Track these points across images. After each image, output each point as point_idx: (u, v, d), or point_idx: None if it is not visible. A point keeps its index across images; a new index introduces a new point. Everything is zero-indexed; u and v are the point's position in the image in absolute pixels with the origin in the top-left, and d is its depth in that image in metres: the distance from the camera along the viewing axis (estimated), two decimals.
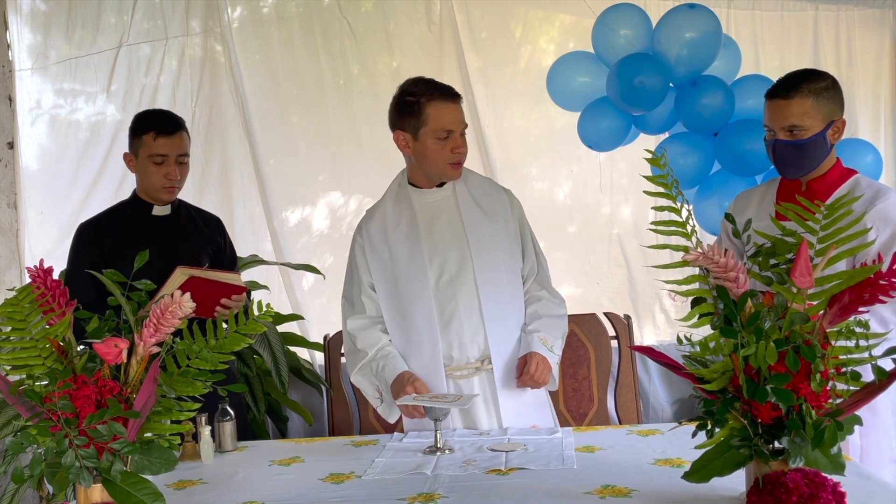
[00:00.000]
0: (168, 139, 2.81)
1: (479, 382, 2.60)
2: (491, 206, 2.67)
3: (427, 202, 2.66)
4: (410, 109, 2.55)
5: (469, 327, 2.58)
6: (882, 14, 4.51)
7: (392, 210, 2.68)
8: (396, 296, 2.62)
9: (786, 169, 2.54)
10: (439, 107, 2.53)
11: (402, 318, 2.61)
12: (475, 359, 2.59)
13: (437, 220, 2.64)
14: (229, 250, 3.09)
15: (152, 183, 2.85)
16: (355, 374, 2.64)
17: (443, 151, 2.55)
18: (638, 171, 3.58)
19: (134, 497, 1.67)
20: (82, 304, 1.91)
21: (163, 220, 2.92)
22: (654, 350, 1.91)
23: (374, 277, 2.65)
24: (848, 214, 1.69)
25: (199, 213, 3.06)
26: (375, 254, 2.65)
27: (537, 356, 2.56)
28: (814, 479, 1.56)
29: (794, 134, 2.46)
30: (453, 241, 2.61)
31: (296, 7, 4.39)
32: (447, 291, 2.59)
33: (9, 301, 1.77)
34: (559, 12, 4.50)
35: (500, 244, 2.63)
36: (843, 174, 2.56)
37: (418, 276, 2.58)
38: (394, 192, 2.72)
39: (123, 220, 2.89)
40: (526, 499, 1.83)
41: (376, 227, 2.68)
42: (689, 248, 1.66)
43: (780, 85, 2.51)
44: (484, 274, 2.59)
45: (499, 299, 2.60)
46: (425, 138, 2.54)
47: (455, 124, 2.54)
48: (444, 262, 2.60)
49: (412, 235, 2.62)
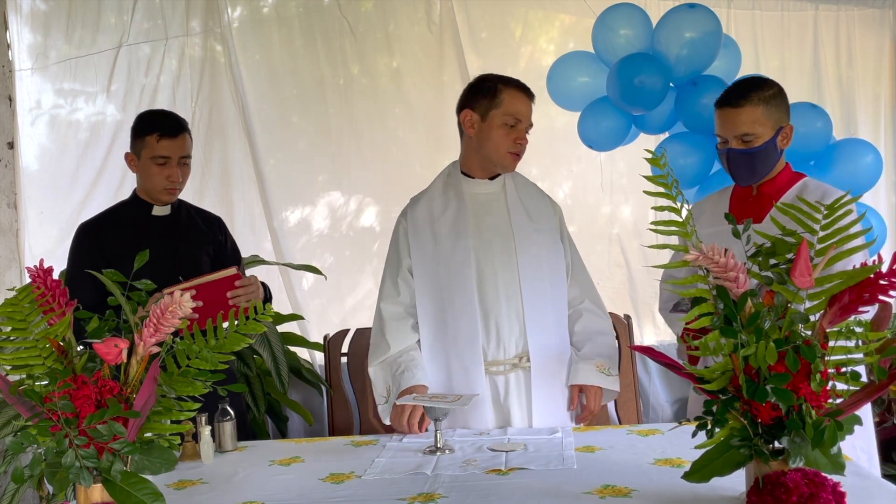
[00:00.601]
0: (172, 141, 2.80)
1: (514, 379, 2.60)
2: (536, 210, 2.69)
3: (477, 192, 2.67)
4: (486, 91, 2.60)
5: (508, 323, 2.58)
6: (882, 14, 4.52)
7: (440, 197, 2.68)
8: (436, 283, 2.61)
9: (740, 176, 2.59)
10: (514, 94, 2.59)
11: (440, 307, 2.60)
12: (513, 355, 2.60)
13: (484, 212, 2.65)
14: (231, 248, 3.08)
15: (154, 184, 2.85)
16: (374, 366, 2.62)
17: (507, 138, 2.58)
18: (638, 171, 3.58)
19: (134, 497, 1.67)
20: (83, 304, 1.91)
21: (163, 220, 2.91)
22: (654, 350, 1.91)
23: (413, 261, 2.64)
24: (848, 214, 1.69)
25: (200, 213, 3.06)
26: (418, 239, 2.65)
27: (593, 391, 2.60)
28: (814, 479, 1.56)
29: (746, 142, 2.51)
30: (499, 234, 2.62)
31: (296, 7, 4.39)
32: (490, 285, 2.58)
33: (9, 301, 1.77)
34: (559, 12, 4.51)
35: (544, 246, 2.65)
36: (792, 177, 2.62)
37: (462, 266, 2.58)
38: (442, 179, 2.72)
39: (123, 220, 2.89)
40: (526, 499, 1.83)
41: (422, 212, 2.68)
42: (689, 247, 1.66)
43: (729, 94, 2.55)
44: (527, 271, 2.59)
45: (541, 298, 2.60)
46: (493, 120, 2.58)
47: (525, 115, 2.59)
48: (489, 254, 2.60)
49: (459, 224, 2.62)
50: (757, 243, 1.73)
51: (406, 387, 2.52)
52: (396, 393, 2.54)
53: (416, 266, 2.64)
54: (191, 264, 2.88)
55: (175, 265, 2.79)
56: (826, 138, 3.64)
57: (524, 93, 2.62)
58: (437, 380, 2.61)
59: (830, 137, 3.66)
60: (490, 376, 2.59)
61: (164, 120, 2.86)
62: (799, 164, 3.62)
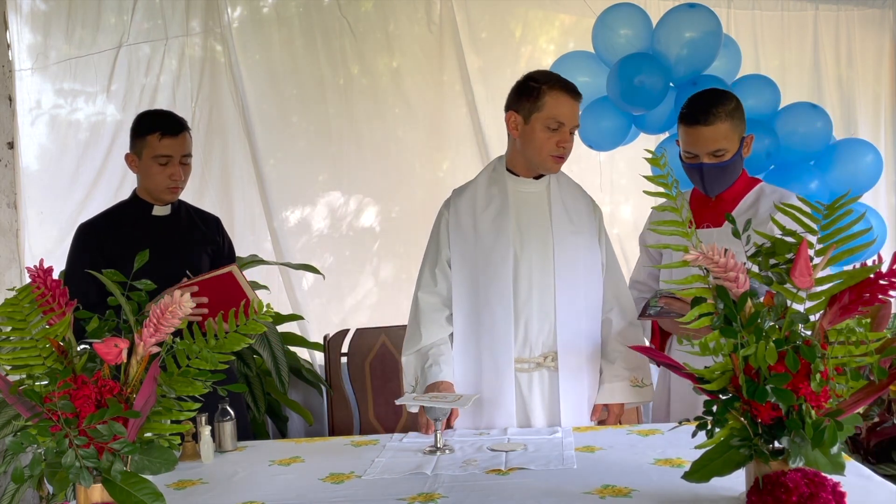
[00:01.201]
0: (173, 140, 2.80)
1: (539, 378, 2.61)
2: (577, 213, 2.69)
3: (521, 191, 2.68)
4: (529, 93, 2.59)
5: (539, 322, 2.59)
6: (882, 14, 4.52)
7: (483, 192, 2.69)
8: (474, 276, 2.62)
9: (713, 189, 2.68)
10: (558, 97, 2.57)
11: (476, 299, 2.61)
12: (538, 354, 2.60)
13: (526, 210, 2.65)
14: (228, 249, 3.08)
15: (156, 184, 2.84)
16: (408, 355, 2.64)
17: (549, 142, 2.58)
18: (638, 171, 3.59)
19: (134, 497, 1.67)
20: (82, 304, 1.91)
21: (163, 220, 2.91)
22: (655, 350, 1.91)
23: (452, 253, 2.65)
24: (849, 214, 1.69)
25: (199, 213, 3.06)
26: (460, 231, 2.66)
27: (616, 411, 2.65)
28: (814, 479, 1.56)
29: (718, 156, 2.60)
30: (539, 233, 2.63)
31: (296, 7, 4.39)
32: (525, 282, 2.59)
33: (9, 301, 1.77)
34: (559, 12, 4.51)
35: (582, 248, 2.65)
36: (748, 183, 2.72)
37: (501, 261, 2.59)
38: (487, 174, 2.73)
39: (123, 220, 2.89)
40: (526, 499, 1.83)
41: (465, 204, 2.68)
42: (689, 248, 1.66)
43: (697, 111, 2.61)
44: (563, 272, 2.60)
45: (573, 300, 2.61)
46: (535, 123, 2.58)
47: (568, 118, 2.58)
48: (527, 251, 2.60)
49: (500, 219, 2.62)
50: (756, 243, 1.73)
51: (431, 382, 2.54)
52: (424, 385, 2.56)
53: (455, 258, 2.65)
54: (191, 264, 2.88)
55: (175, 265, 2.79)
56: (826, 138, 3.64)
57: (569, 94, 2.59)
58: (468, 372, 2.62)
59: (830, 137, 3.67)
60: (515, 373, 2.59)
61: (165, 119, 2.86)
62: (799, 163, 3.64)
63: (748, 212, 2.65)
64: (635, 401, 2.65)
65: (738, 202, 2.68)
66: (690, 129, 2.61)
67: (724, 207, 2.67)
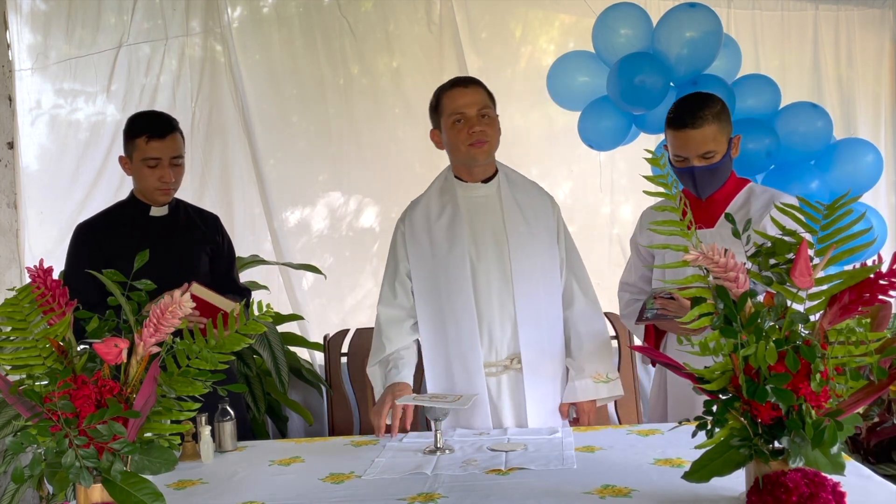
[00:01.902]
0: (161, 142, 2.79)
1: (507, 381, 2.62)
2: (532, 210, 2.69)
3: (471, 196, 2.68)
4: (432, 106, 2.66)
5: (501, 325, 2.60)
6: (882, 14, 4.52)
7: (436, 202, 2.71)
8: (435, 287, 2.64)
9: (703, 190, 2.69)
10: (450, 94, 2.61)
11: (439, 309, 2.63)
12: (504, 356, 2.62)
13: (479, 215, 2.66)
14: (227, 249, 3.08)
15: (147, 186, 2.84)
16: (372, 367, 2.66)
17: (460, 135, 2.59)
18: (638, 170, 3.58)
19: (134, 497, 1.67)
20: (82, 304, 1.91)
21: (161, 220, 2.91)
22: (654, 350, 1.91)
23: (411, 266, 2.67)
24: (848, 214, 1.69)
25: (198, 212, 3.06)
26: (416, 243, 2.68)
27: (587, 410, 2.63)
28: (814, 479, 1.56)
29: (708, 158, 2.61)
30: (493, 237, 2.64)
31: (296, 7, 4.39)
32: (484, 287, 2.61)
33: (9, 301, 1.77)
34: (559, 12, 4.51)
35: (539, 248, 2.65)
36: (738, 183, 2.74)
37: (458, 269, 2.61)
38: (439, 184, 2.74)
39: (121, 220, 2.89)
40: (526, 499, 1.83)
41: (419, 216, 2.70)
42: (689, 248, 1.66)
43: (684, 115, 2.62)
44: (520, 273, 2.61)
45: (533, 301, 2.61)
46: (446, 128, 2.61)
47: (466, 106, 2.58)
48: (483, 256, 2.62)
49: (454, 227, 2.64)
50: (756, 243, 1.73)
51: (391, 383, 2.55)
52: (381, 390, 2.57)
53: (414, 270, 2.67)
54: (190, 264, 2.88)
55: (174, 265, 2.79)
56: (826, 138, 3.64)
57: (458, 85, 2.62)
58: (440, 381, 2.64)
59: (831, 137, 3.67)
60: (485, 377, 2.61)
61: (152, 121, 2.85)
62: (799, 163, 3.63)
63: (739, 212, 2.66)
64: (601, 397, 2.64)
65: (729, 202, 2.69)
66: (679, 133, 2.62)
67: (715, 208, 2.68)
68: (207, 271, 2.97)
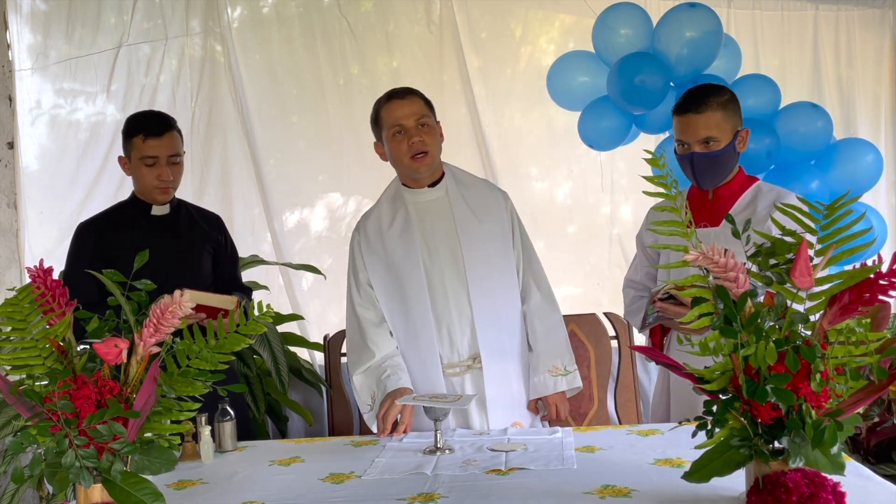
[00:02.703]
0: (158, 140, 2.79)
1: (470, 380, 2.64)
2: (483, 208, 2.70)
3: (420, 201, 2.70)
4: (372, 119, 2.68)
5: (459, 326, 2.62)
6: (882, 14, 4.52)
7: (387, 210, 2.73)
8: (393, 294, 2.66)
9: (703, 180, 2.66)
10: (388, 107, 2.62)
11: (401, 315, 2.65)
12: (465, 356, 2.63)
13: (430, 219, 2.68)
14: (230, 248, 3.09)
15: (146, 185, 2.84)
16: (359, 374, 2.66)
17: (401, 146, 2.60)
18: (638, 170, 3.58)
19: (134, 497, 1.67)
20: (82, 303, 1.91)
21: (162, 219, 2.91)
22: (654, 350, 1.91)
23: (370, 275, 2.69)
24: (848, 214, 1.69)
25: (199, 212, 3.06)
26: (371, 252, 2.70)
27: (555, 401, 2.65)
28: (814, 479, 1.56)
29: (709, 146, 2.59)
30: (445, 240, 2.65)
31: (296, 7, 4.39)
32: (440, 290, 2.63)
33: (9, 301, 1.77)
34: (559, 12, 4.51)
35: (492, 245, 2.67)
36: (745, 181, 2.71)
37: (414, 274, 2.63)
38: (390, 193, 2.77)
39: (123, 219, 2.89)
40: (526, 499, 1.83)
41: (372, 226, 2.73)
42: (689, 248, 1.66)
43: (689, 100, 2.62)
44: (475, 273, 2.62)
45: (490, 299, 2.63)
46: (387, 140, 2.63)
47: (404, 118, 2.59)
48: (437, 260, 2.64)
49: (406, 234, 2.66)
50: (756, 243, 1.73)
51: (392, 389, 2.55)
52: (381, 397, 2.57)
53: (373, 279, 2.69)
54: (191, 263, 2.88)
55: (176, 264, 2.79)
56: (826, 138, 3.64)
57: (396, 97, 2.62)
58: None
59: (831, 137, 3.66)
60: (447, 378, 2.63)
61: (149, 120, 2.85)
62: (799, 163, 3.63)
63: (745, 210, 2.65)
64: (561, 389, 2.66)
65: (735, 200, 2.68)
66: (681, 118, 2.62)
67: (722, 206, 2.67)
68: (210, 271, 2.97)
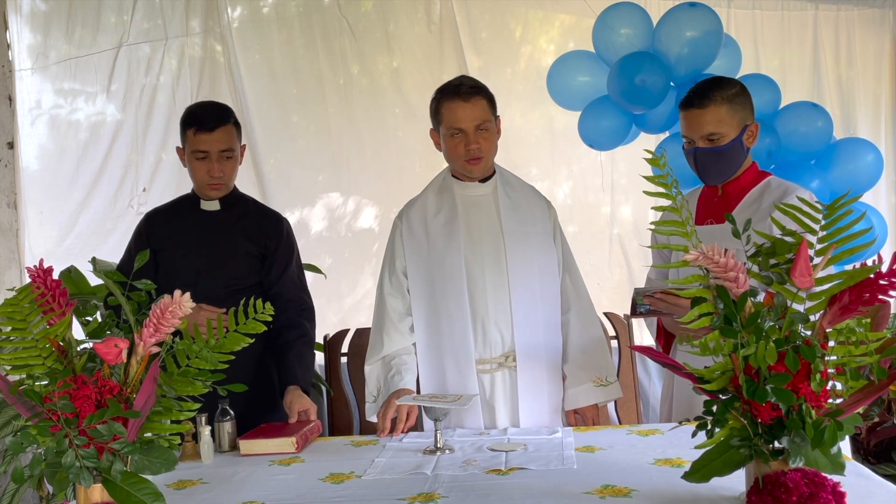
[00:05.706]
0: (208, 135, 2.69)
1: (501, 378, 2.63)
2: (528, 211, 2.70)
3: (468, 195, 2.70)
4: (432, 109, 2.66)
5: (496, 323, 2.61)
6: (882, 14, 4.52)
7: (434, 200, 2.73)
8: (430, 283, 2.65)
9: (708, 176, 2.60)
10: (449, 106, 2.60)
11: (434, 305, 2.64)
12: (498, 354, 2.62)
13: (475, 212, 2.68)
14: (282, 253, 2.87)
15: (197, 179, 2.78)
16: (371, 364, 2.68)
17: (457, 148, 2.60)
18: (638, 170, 3.58)
19: (134, 497, 1.67)
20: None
21: (210, 215, 2.83)
22: (654, 350, 1.91)
23: (407, 262, 2.69)
24: (849, 214, 1.68)
25: (259, 211, 2.92)
26: (413, 239, 2.69)
27: (590, 415, 2.65)
28: (814, 479, 1.56)
29: (712, 141, 2.53)
30: (489, 235, 2.65)
31: (296, 7, 4.40)
32: (479, 284, 2.61)
33: (9, 301, 1.77)
34: (559, 12, 4.51)
35: (536, 247, 2.66)
36: (756, 177, 2.62)
37: (454, 266, 2.62)
38: (437, 183, 2.76)
39: (177, 212, 2.85)
40: (526, 499, 1.83)
41: (416, 213, 2.72)
42: (689, 248, 1.66)
43: (693, 95, 2.56)
44: (517, 272, 2.61)
45: (529, 300, 2.62)
46: (444, 137, 2.63)
47: (464, 122, 2.58)
48: (479, 253, 2.63)
49: (451, 225, 2.66)
50: (756, 243, 1.73)
51: (395, 390, 2.56)
52: (386, 395, 2.58)
53: (410, 267, 2.68)
54: (224, 264, 2.78)
55: (210, 263, 2.74)
56: (827, 138, 3.64)
57: (458, 98, 2.58)
58: (432, 379, 2.65)
59: (831, 137, 3.67)
60: (478, 374, 2.62)
61: (201, 113, 2.76)
62: (800, 163, 3.63)
63: (752, 206, 2.57)
64: (602, 400, 2.66)
65: (744, 196, 2.59)
66: (686, 113, 2.57)
67: (730, 202, 2.60)
68: (251, 273, 2.82)
